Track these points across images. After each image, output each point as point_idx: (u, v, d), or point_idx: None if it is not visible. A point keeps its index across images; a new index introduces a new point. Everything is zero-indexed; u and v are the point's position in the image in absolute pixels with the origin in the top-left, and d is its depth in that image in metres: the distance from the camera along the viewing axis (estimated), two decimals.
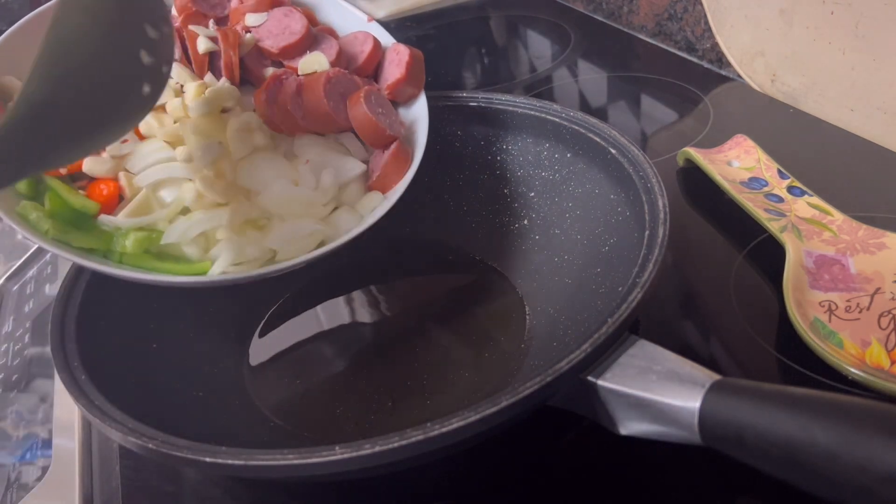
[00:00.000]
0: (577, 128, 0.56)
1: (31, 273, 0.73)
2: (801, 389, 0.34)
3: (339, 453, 0.36)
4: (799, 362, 0.47)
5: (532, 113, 0.59)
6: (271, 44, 0.56)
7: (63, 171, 0.50)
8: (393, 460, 0.36)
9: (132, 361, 0.49)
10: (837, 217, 0.56)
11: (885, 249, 0.53)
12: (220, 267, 0.48)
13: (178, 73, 0.54)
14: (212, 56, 0.55)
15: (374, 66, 0.59)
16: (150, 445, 0.38)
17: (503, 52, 1.05)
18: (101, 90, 0.39)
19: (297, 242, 0.50)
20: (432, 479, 0.45)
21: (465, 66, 1.01)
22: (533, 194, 0.60)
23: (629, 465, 0.43)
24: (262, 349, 0.56)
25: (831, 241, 0.54)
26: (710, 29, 0.83)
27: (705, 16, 0.84)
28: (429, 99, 0.63)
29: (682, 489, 0.42)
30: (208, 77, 0.54)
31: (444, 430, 0.36)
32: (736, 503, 0.42)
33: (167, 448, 0.38)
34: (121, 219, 0.49)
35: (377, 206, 0.53)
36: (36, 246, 0.74)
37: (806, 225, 0.56)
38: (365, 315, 0.59)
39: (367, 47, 0.58)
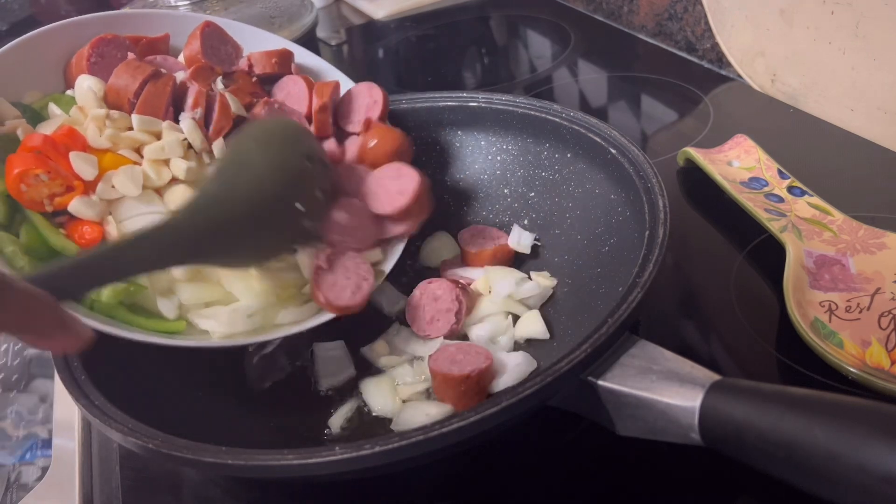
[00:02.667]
0: (577, 128, 0.56)
1: None
2: (801, 389, 0.34)
3: (339, 453, 0.36)
4: (799, 362, 0.47)
5: (532, 113, 0.59)
6: (381, 207, 0.56)
7: (48, 207, 0.47)
8: (393, 460, 0.36)
9: (132, 361, 0.49)
10: (838, 217, 0.56)
11: (885, 249, 0.53)
12: (217, 333, 0.48)
13: (189, 130, 0.52)
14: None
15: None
16: (150, 445, 0.38)
17: (503, 52, 1.05)
18: (263, 197, 0.47)
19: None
20: (432, 479, 0.45)
21: (465, 66, 1.01)
22: (533, 194, 0.60)
23: (629, 465, 0.43)
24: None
25: (831, 241, 0.54)
26: (710, 29, 0.83)
27: (705, 16, 0.84)
28: (430, 99, 0.64)
29: (682, 489, 0.42)
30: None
31: (443, 430, 0.36)
32: (736, 503, 0.42)
33: (167, 448, 0.38)
34: None
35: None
36: None
37: (806, 225, 0.56)
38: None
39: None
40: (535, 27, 1.06)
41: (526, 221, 0.60)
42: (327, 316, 0.50)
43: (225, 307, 0.49)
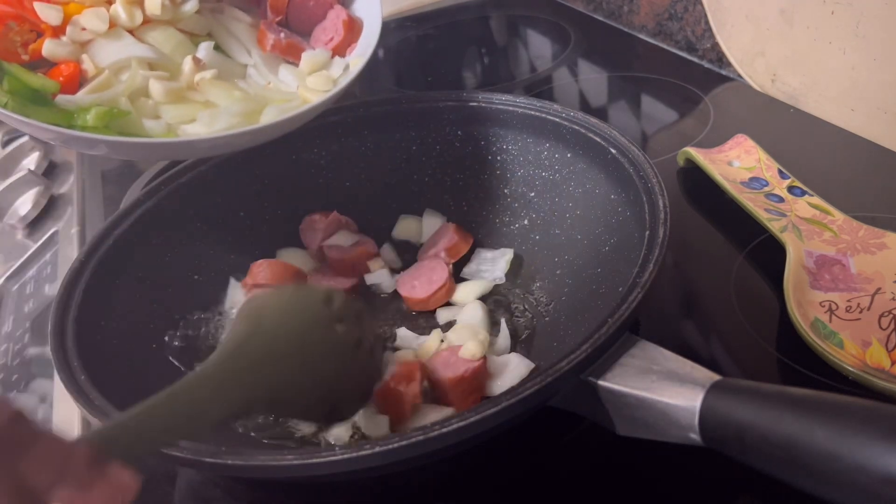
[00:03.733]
0: (577, 128, 0.56)
1: (31, 273, 0.73)
2: (801, 389, 0.34)
3: (339, 453, 0.36)
4: (799, 362, 0.47)
5: (532, 113, 0.59)
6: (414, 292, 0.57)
7: (24, 56, 0.50)
8: (393, 460, 0.36)
9: (132, 361, 0.49)
10: (838, 217, 0.56)
11: (885, 249, 0.53)
12: (198, 129, 0.49)
13: None
14: None
15: None
16: None
17: (503, 52, 1.05)
18: (293, 320, 0.44)
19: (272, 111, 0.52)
20: (432, 479, 0.45)
21: (465, 66, 1.01)
22: (533, 194, 0.60)
23: (629, 465, 0.43)
24: None
25: (832, 241, 0.54)
26: (710, 29, 0.83)
27: (706, 16, 0.84)
28: (430, 99, 0.63)
29: (682, 489, 0.42)
30: None
31: (444, 430, 0.36)
32: (736, 503, 0.42)
33: (167, 448, 0.38)
34: (80, 96, 0.49)
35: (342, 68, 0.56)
36: (36, 246, 0.74)
37: (806, 225, 0.56)
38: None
39: None
40: (535, 27, 1.06)
41: (526, 221, 0.60)
42: (311, 109, 0.51)
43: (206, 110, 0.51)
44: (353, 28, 0.58)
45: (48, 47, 0.50)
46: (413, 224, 0.63)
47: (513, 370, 0.48)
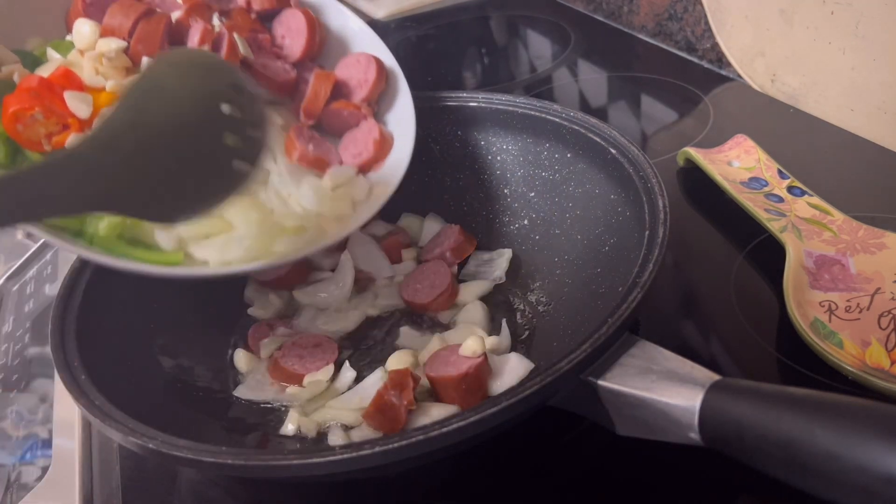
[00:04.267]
0: (577, 128, 0.56)
1: (31, 273, 0.73)
2: (801, 389, 0.34)
3: (339, 453, 0.36)
4: (799, 362, 0.47)
5: (532, 113, 0.59)
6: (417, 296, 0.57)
7: (47, 147, 0.48)
8: (393, 460, 0.36)
9: (132, 361, 0.49)
10: (837, 217, 0.56)
11: (885, 249, 0.53)
12: (215, 260, 0.48)
13: None
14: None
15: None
16: (150, 445, 0.38)
17: (503, 52, 1.05)
18: (181, 127, 0.41)
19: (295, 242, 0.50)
20: (432, 479, 0.45)
21: (465, 66, 1.01)
22: (533, 194, 0.60)
23: (629, 465, 0.43)
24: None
25: (831, 241, 0.54)
26: (710, 29, 0.83)
27: (705, 16, 0.84)
28: (429, 99, 0.63)
29: (682, 489, 0.42)
30: None
31: (444, 430, 0.36)
32: (736, 503, 0.42)
33: (167, 448, 0.38)
34: None
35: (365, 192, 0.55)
36: (36, 246, 0.74)
37: (806, 225, 0.56)
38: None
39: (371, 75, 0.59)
40: (535, 27, 1.06)
41: (526, 221, 0.60)
42: (325, 244, 0.50)
43: (219, 236, 0.49)
44: (383, 146, 0.58)
45: (72, 141, 0.48)
46: (415, 223, 0.63)
47: (512, 370, 0.48)
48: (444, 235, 0.61)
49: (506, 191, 0.62)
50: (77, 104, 0.49)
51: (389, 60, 0.61)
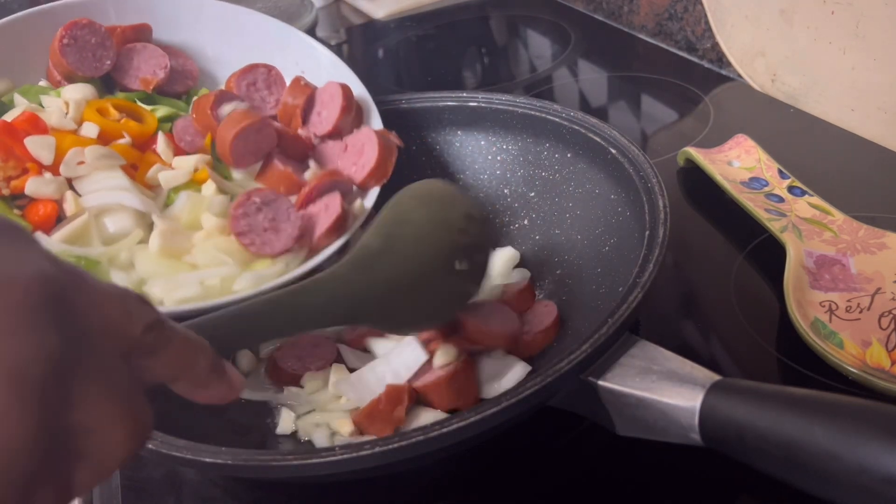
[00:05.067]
0: (577, 128, 0.56)
1: None
2: (801, 389, 0.34)
3: (339, 454, 0.36)
4: (799, 362, 0.47)
5: (532, 113, 0.59)
6: None
7: (5, 191, 0.48)
8: (393, 460, 0.36)
9: None
10: (838, 217, 0.56)
11: (885, 249, 0.53)
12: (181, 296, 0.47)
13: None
14: None
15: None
16: (150, 445, 0.38)
17: (503, 52, 1.05)
18: (424, 252, 0.45)
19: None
20: (432, 479, 0.45)
21: (465, 66, 1.01)
22: (533, 194, 0.60)
23: (629, 465, 0.43)
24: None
25: (832, 241, 0.54)
26: (710, 29, 0.83)
27: (706, 16, 0.84)
28: (429, 99, 0.63)
29: (682, 489, 0.42)
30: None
31: (444, 430, 0.36)
32: (736, 503, 0.42)
33: (167, 448, 0.38)
34: (55, 243, 0.47)
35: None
36: None
37: (806, 225, 0.56)
38: None
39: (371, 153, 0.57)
40: (535, 27, 1.06)
41: (526, 221, 0.60)
42: (287, 277, 0.49)
43: (177, 275, 0.48)
44: (387, 153, 0.57)
45: (31, 185, 0.48)
46: None
47: (510, 372, 0.48)
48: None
49: (506, 191, 0.62)
50: (38, 149, 0.49)
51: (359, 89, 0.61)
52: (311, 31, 0.91)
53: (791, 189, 0.60)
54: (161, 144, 0.55)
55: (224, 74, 0.62)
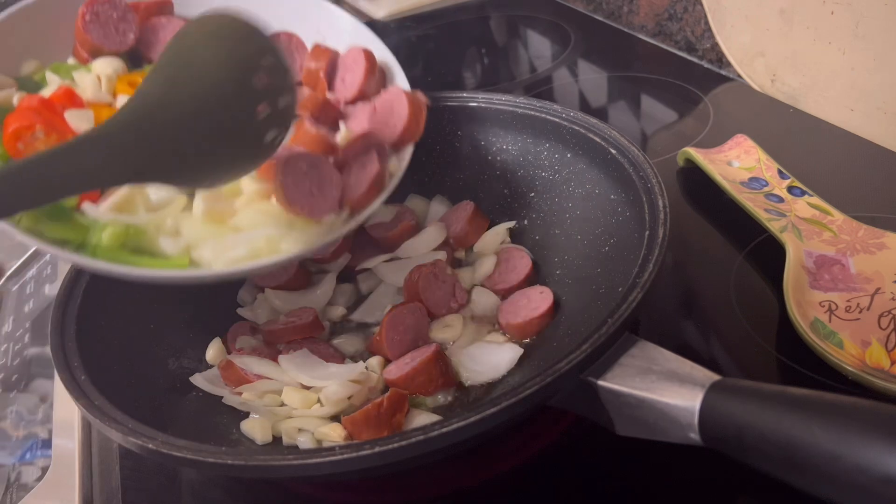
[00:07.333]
0: (577, 128, 0.56)
1: (31, 273, 0.73)
2: (801, 389, 0.34)
3: (338, 454, 0.36)
4: (799, 362, 0.47)
5: (532, 113, 0.59)
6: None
7: None
8: (393, 460, 0.36)
9: (132, 361, 0.49)
10: (837, 217, 0.56)
11: (885, 249, 0.53)
12: (218, 263, 0.46)
13: None
14: None
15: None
16: (150, 445, 0.38)
17: (503, 52, 1.05)
18: (213, 101, 0.40)
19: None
20: (432, 479, 0.45)
21: (465, 66, 1.01)
22: (533, 194, 0.60)
23: (629, 465, 0.43)
24: None
25: (831, 241, 0.54)
26: (710, 29, 0.83)
27: (705, 16, 0.84)
28: (430, 99, 0.63)
29: (682, 489, 0.42)
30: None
31: (443, 430, 0.36)
32: (736, 503, 0.42)
33: (167, 448, 0.38)
34: (105, 212, 0.46)
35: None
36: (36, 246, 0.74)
37: (806, 225, 0.56)
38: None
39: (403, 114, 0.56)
40: (535, 27, 1.06)
41: (526, 221, 0.60)
42: (333, 237, 0.49)
43: (224, 236, 0.48)
44: (417, 112, 0.56)
45: None
46: (421, 204, 0.64)
47: (502, 354, 0.48)
48: (459, 210, 0.61)
49: (506, 191, 0.62)
50: (78, 122, 0.49)
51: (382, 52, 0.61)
52: None
53: (791, 189, 0.60)
54: None
55: None
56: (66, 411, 0.56)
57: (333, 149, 0.54)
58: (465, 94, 0.63)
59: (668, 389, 0.37)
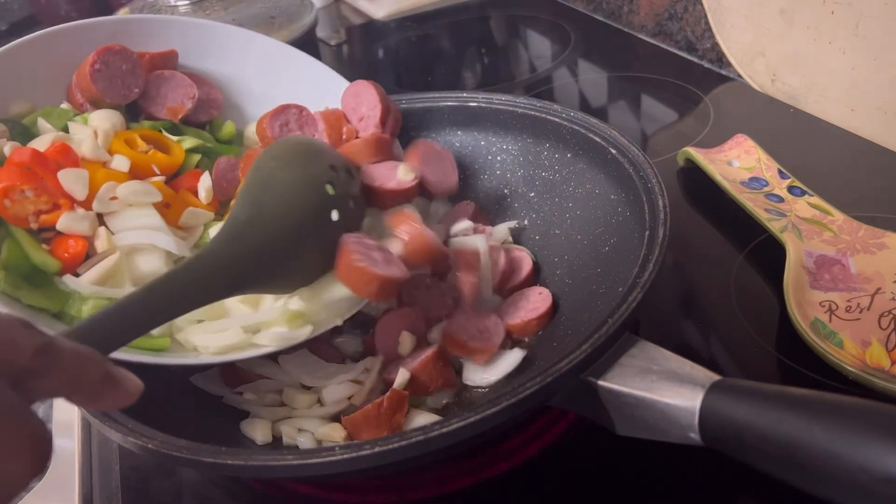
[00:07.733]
0: (577, 128, 0.56)
1: None
2: (801, 389, 0.34)
3: (338, 453, 0.36)
4: (799, 362, 0.47)
5: (532, 113, 0.59)
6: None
7: (34, 225, 0.46)
8: (393, 460, 0.36)
9: (132, 361, 0.49)
10: (838, 217, 0.56)
11: (885, 249, 0.53)
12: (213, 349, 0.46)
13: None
14: None
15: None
16: (150, 445, 0.38)
17: (503, 52, 1.05)
18: (294, 212, 0.46)
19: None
20: (432, 478, 0.45)
21: (465, 66, 1.01)
22: (533, 194, 0.60)
23: (629, 465, 0.43)
24: None
25: (832, 241, 0.54)
26: (710, 29, 0.83)
27: (705, 16, 0.84)
28: (430, 99, 0.63)
29: (682, 489, 0.42)
30: None
31: (443, 430, 0.36)
32: (736, 503, 0.42)
33: (167, 448, 0.38)
34: (87, 286, 0.45)
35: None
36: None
37: (806, 225, 0.56)
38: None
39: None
40: (535, 27, 1.06)
41: (526, 221, 0.60)
42: (324, 328, 0.48)
43: (215, 321, 0.47)
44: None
45: (64, 221, 0.46)
46: (420, 204, 0.63)
47: (505, 357, 0.49)
48: (460, 211, 0.61)
49: (506, 191, 0.62)
50: (72, 184, 0.47)
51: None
52: (311, 32, 0.91)
53: (791, 189, 0.60)
54: (203, 186, 0.54)
55: (247, 104, 0.63)
56: (66, 411, 0.56)
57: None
58: (465, 94, 0.63)
59: (668, 389, 0.37)
